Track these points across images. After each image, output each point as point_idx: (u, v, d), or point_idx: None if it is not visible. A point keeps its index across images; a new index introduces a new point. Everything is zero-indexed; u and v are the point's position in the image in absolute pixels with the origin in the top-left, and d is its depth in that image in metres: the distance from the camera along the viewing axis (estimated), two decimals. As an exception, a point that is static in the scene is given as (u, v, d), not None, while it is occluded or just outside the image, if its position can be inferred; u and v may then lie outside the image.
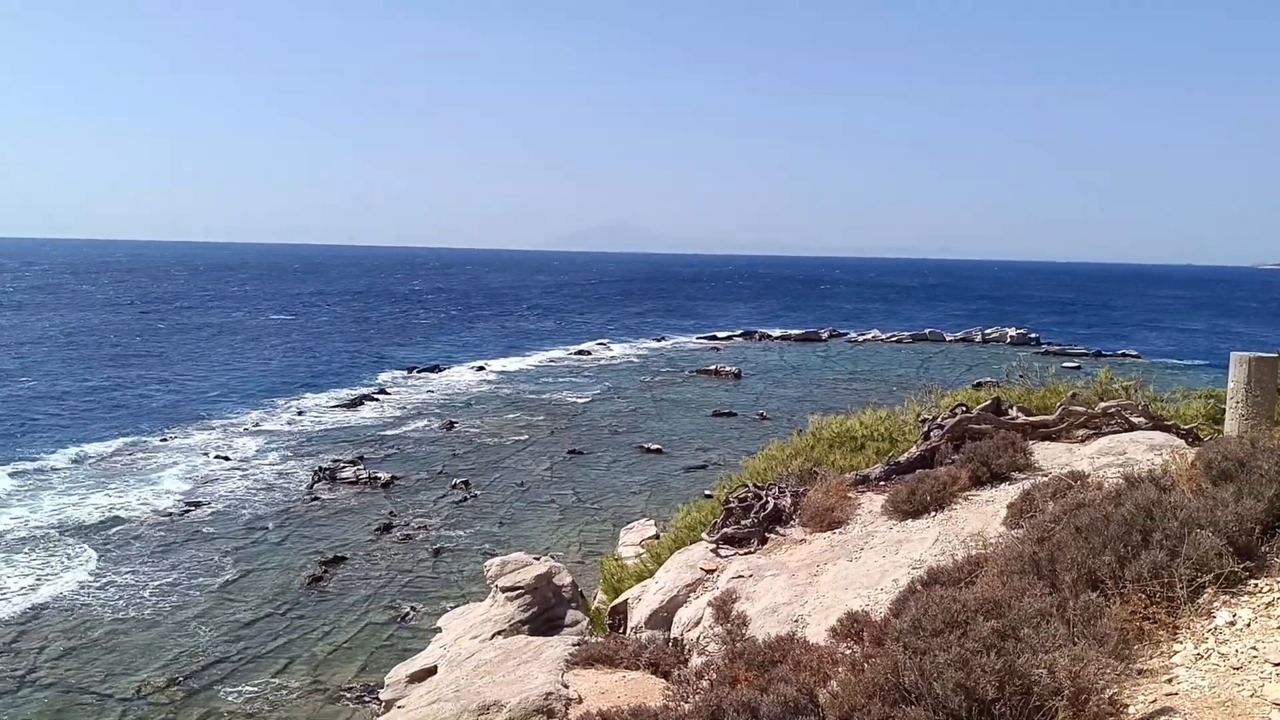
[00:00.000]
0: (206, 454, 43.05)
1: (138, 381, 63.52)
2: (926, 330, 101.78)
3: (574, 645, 10.60)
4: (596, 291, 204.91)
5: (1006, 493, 11.59)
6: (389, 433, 49.26)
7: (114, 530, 32.38)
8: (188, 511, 34.62)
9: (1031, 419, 14.10)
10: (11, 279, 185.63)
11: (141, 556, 29.96)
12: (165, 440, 46.01)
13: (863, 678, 5.72)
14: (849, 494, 13.24)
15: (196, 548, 30.90)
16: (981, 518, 11.14)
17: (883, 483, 13.56)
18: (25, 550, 30.17)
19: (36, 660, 22.74)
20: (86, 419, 50.68)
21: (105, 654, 23.18)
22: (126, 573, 28.54)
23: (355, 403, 57.11)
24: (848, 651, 7.63)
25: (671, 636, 11.24)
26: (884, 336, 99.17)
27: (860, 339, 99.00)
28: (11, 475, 38.68)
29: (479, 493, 37.89)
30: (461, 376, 70.63)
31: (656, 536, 19.89)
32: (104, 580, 27.90)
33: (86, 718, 20.23)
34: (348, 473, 39.77)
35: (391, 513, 34.93)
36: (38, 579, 27.83)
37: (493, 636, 14.08)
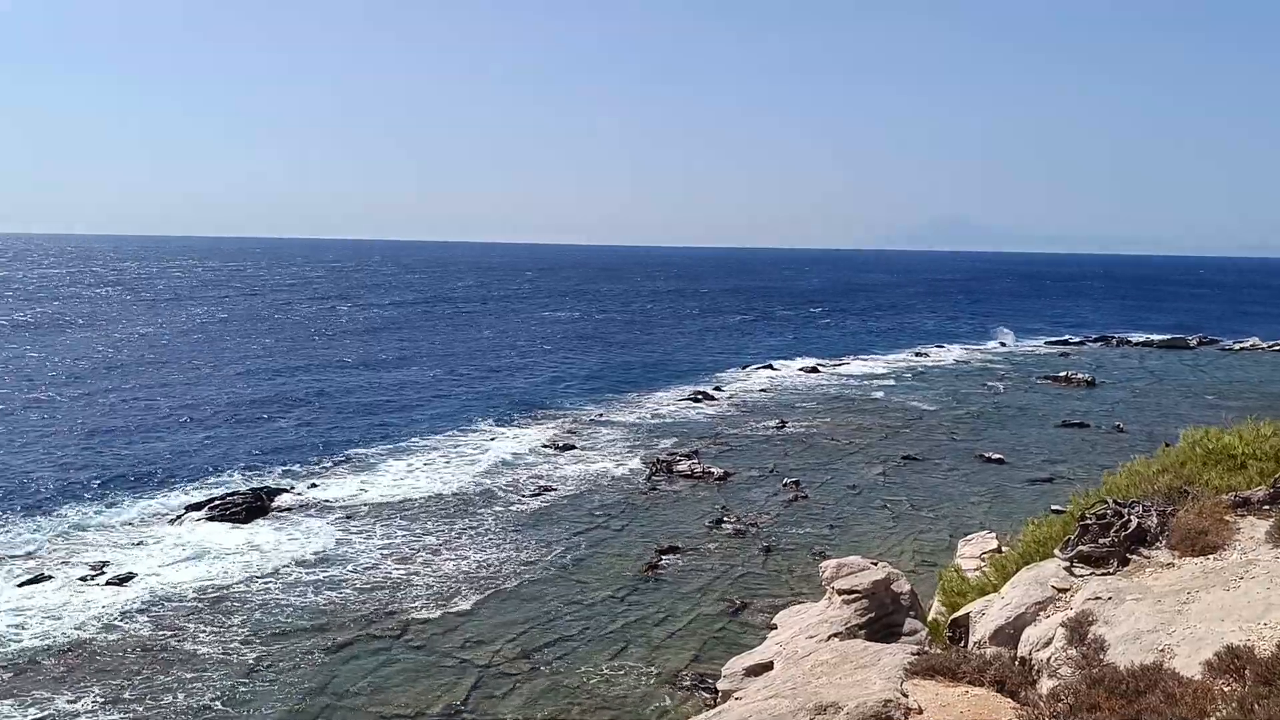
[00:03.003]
0: (556, 442, 45.96)
1: (496, 372, 69.04)
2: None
3: (913, 654, 10.34)
4: (935, 291, 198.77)
5: None
6: (723, 429, 50.31)
7: (473, 509, 35.32)
8: (539, 495, 37.12)
9: None
10: (388, 278, 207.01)
11: (498, 533, 32.48)
12: (522, 427, 49.72)
13: (1253, 718, 5.16)
14: (1226, 517, 12.00)
15: (547, 529, 33.07)
16: (1395, 553, 9.74)
17: (1268, 507, 12.18)
18: (396, 520, 33.58)
19: (407, 622, 25.21)
20: (452, 405, 55.73)
21: (464, 621, 25.30)
22: (485, 547, 31.04)
23: (692, 399, 58.83)
24: (1228, 689, 6.92)
25: (1018, 655, 10.69)
26: (1265, 345, 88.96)
27: (1236, 347, 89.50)
28: (395, 456, 43.29)
29: (810, 493, 37.84)
30: (795, 376, 70.89)
31: (998, 550, 18.98)
32: (464, 553, 30.50)
33: (445, 681, 22.07)
34: (683, 466, 41.00)
35: (724, 507, 35.64)
36: (402, 548, 30.88)
37: (829, 638, 14.01)
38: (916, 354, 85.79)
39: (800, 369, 74.31)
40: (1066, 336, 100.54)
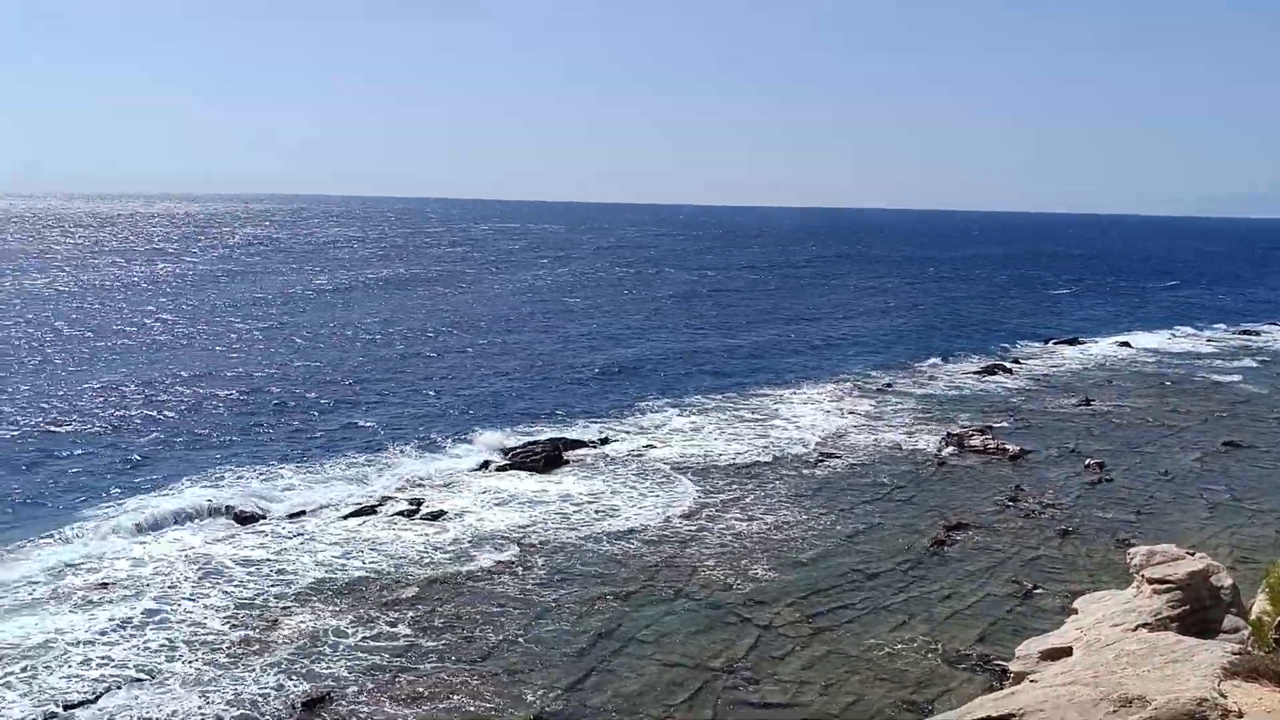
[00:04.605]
0: (845, 409, 45.57)
1: (786, 338, 69.23)
2: None
3: (1233, 654, 9.59)
4: (1269, 262, 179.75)
5: None
6: (1019, 404, 48.06)
7: (759, 471, 35.71)
8: (821, 461, 36.98)
9: None
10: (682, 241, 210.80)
11: (785, 496, 32.69)
12: (811, 392, 49.72)
13: None
14: None
15: (832, 496, 32.93)
16: None
17: None
18: (686, 477, 34.48)
19: (691, 576, 25.92)
20: (743, 368, 56.54)
21: (747, 580, 25.71)
22: (771, 509, 31.35)
23: (987, 371, 56.54)
24: None
25: (1361, 666, 9.65)
26: None
27: None
28: (685, 413, 44.62)
29: (1114, 476, 35.53)
30: (1102, 351, 66.44)
31: (1337, 550, 17.13)
32: (750, 513, 30.95)
33: (726, 637, 22.55)
34: (975, 441, 39.48)
35: (1018, 486, 34.10)
36: (689, 504, 31.66)
37: (1136, 628, 13.17)
38: (1244, 331, 78.06)
39: (1109, 342, 69.55)
40: None
